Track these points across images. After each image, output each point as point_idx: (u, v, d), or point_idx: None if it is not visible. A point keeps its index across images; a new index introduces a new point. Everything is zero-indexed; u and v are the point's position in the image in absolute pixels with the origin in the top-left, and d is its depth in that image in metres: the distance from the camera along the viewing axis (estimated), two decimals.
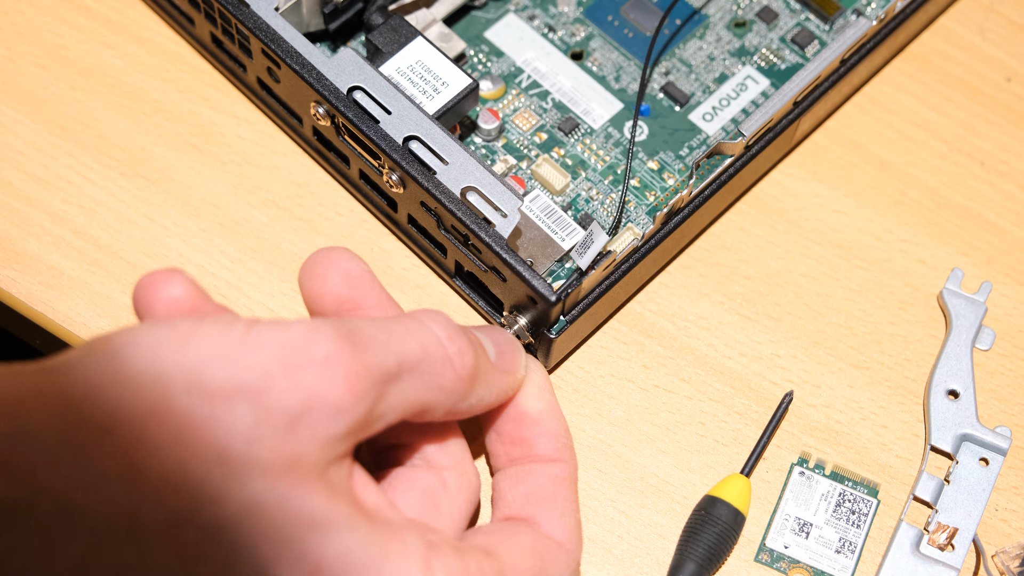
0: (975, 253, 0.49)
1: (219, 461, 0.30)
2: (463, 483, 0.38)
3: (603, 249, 0.42)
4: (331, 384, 0.32)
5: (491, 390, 0.38)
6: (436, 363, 0.35)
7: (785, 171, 0.50)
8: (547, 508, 0.39)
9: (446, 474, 0.38)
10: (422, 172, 0.42)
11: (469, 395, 0.37)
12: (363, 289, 0.38)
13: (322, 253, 0.38)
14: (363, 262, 0.38)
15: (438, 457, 0.38)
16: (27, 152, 0.48)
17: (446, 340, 0.36)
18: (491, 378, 0.38)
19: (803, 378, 0.46)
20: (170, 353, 0.31)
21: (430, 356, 0.35)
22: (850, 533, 0.44)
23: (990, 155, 0.51)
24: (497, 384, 0.38)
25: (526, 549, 0.37)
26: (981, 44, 0.53)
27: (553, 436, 0.40)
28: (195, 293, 0.35)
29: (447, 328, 0.36)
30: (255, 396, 0.31)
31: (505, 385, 0.39)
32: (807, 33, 0.51)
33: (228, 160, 0.49)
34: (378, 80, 0.43)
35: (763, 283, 0.48)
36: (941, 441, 0.45)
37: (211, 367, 0.31)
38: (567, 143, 0.48)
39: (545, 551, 0.37)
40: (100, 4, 0.51)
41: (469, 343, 0.36)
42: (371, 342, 0.34)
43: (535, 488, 0.39)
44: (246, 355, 0.32)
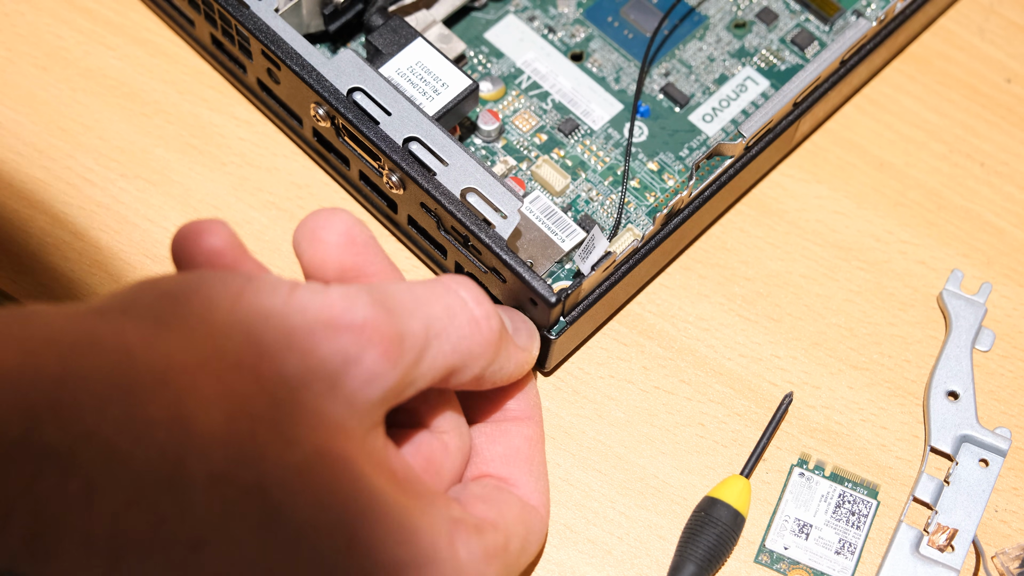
0: (975, 254, 0.49)
1: (265, 417, 0.31)
2: (461, 445, 0.39)
3: (604, 253, 0.42)
4: (368, 349, 0.33)
5: (511, 361, 0.39)
6: (463, 326, 0.36)
7: (785, 172, 0.50)
8: (524, 471, 0.40)
9: (447, 438, 0.38)
10: (422, 173, 0.42)
11: (495, 360, 0.37)
12: (367, 256, 0.37)
13: (322, 216, 0.37)
14: (365, 225, 0.38)
15: (439, 421, 0.39)
16: (27, 153, 0.48)
17: (473, 303, 0.36)
18: (511, 349, 0.38)
19: (803, 379, 0.46)
20: (223, 307, 0.32)
21: (457, 319, 0.35)
22: (850, 534, 0.44)
23: (990, 156, 0.51)
24: (515, 357, 0.39)
25: (518, 519, 0.38)
26: (981, 45, 0.53)
27: (525, 394, 0.41)
28: (236, 245, 0.36)
29: (474, 291, 0.36)
30: (302, 357, 0.32)
31: (522, 360, 0.40)
32: (807, 34, 0.51)
33: (228, 161, 0.49)
34: (378, 81, 0.44)
35: (763, 284, 0.48)
36: (941, 442, 0.45)
37: (262, 327, 0.32)
38: (567, 144, 0.48)
39: (528, 518, 0.39)
40: (100, 5, 0.51)
41: (493, 307, 0.37)
42: (403, 308, 0.34)
43: (511, 449, 0.40)
44: (292, 317, 0.32)
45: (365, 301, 0.33)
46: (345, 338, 0.32)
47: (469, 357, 0.36)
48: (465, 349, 0.36)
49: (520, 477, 0.40)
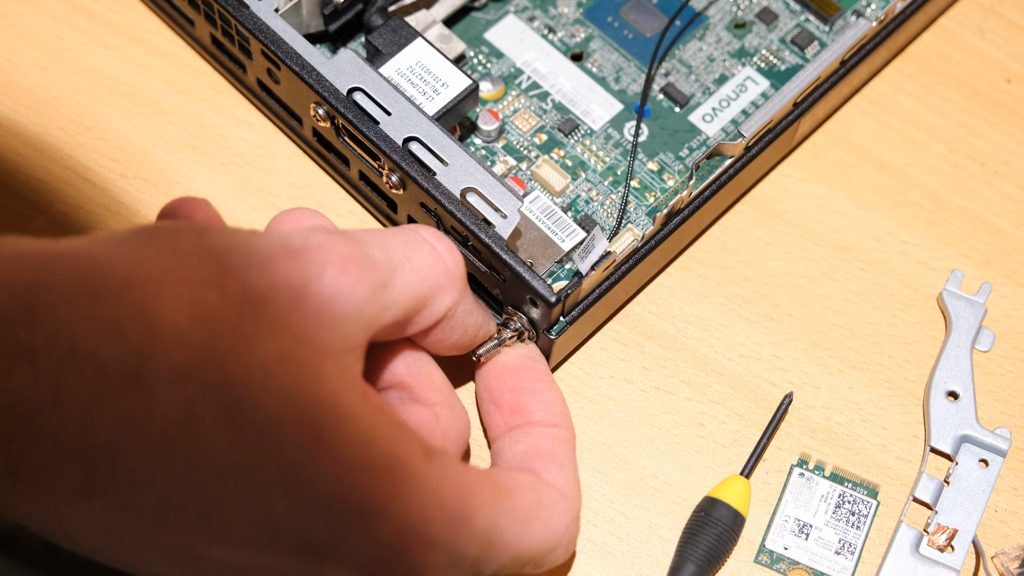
0: (975, 254, 0.49)
1: (230, 320, 0.32)
2: (454, 417, 0.39)
3: (604, 253, 0.42)
4: (328, 266, 0.34)
5: (477, 310, 0.40)
6: (426, 256, 0.37)
7: (785, 172, 0.50)
8: (546, 461, 0.40)
9: (437, 409, 0.39)
10: (422, 173, 0.42)
11: (463, 296, 0.38)
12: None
13: (288, 212, 0.40)
14: (326, 218, 0.40)
15: (427, 393, 0.39)
16: (27, 154, 0.48)
17: (432, 239, 0.38)
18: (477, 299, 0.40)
19: (803, 379, 0.46)
20: (188, 236, 0.33)
21: (419, 250, 0.37)
22: (850, 534, 0.44)
23: (990, 156, 0.51)
24: (480, 309, 0.40)
25: (527, 484, 0.38)
26: (981, 45, 0.53)
27: (550, 404, 0.42)
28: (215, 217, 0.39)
29: (434, 232, 0.38)
30: (264, 274, 0.33)
31: (487, 319, 0.41)
32: (807, 34, 0.51)
33: (228, 162, 0.49)
34: (378, 81, 0.44)
35: (763, 284, 0.48)
36: (941, 442, 0.45)
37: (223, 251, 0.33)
38: (567, 144, 0.48)
39: (544, 491, 0.38)
40: (100, 6, 0.51)
41: (455, 248, 0.38)
42: (363, 239, 0.36)
43: (534, 445, 0.40)
44: (253, 244, 0.34)
45: (321, 231, 0.35)
46: (305, 257, 0.34)
47: (436, 287, 0.37)
48: (431, 278, 0.37)
49: (541, 467, 0.40)
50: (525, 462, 0.40)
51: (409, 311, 0.37)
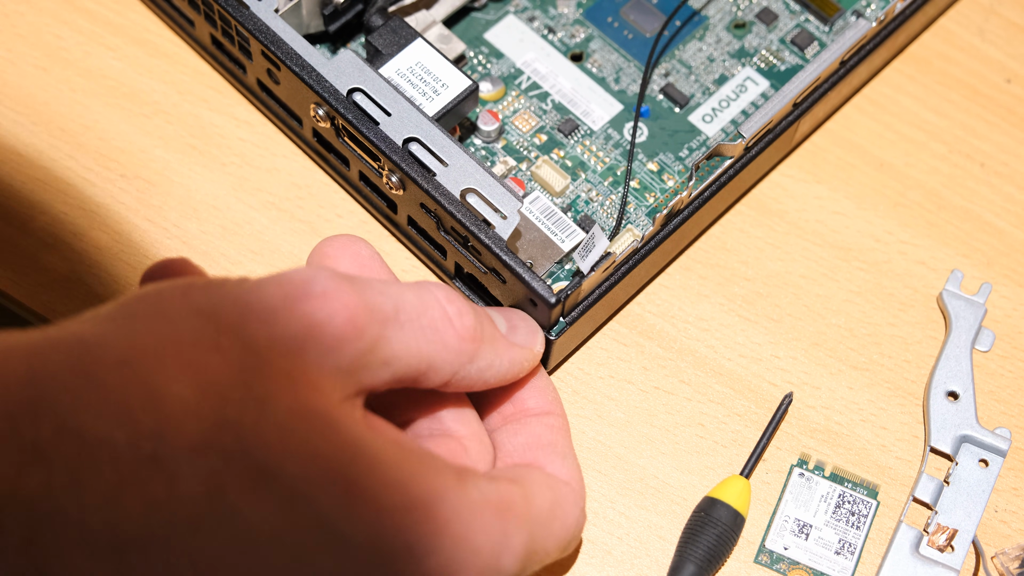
0: (975, 254, 0.49)
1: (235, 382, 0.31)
2: (482, 451, 0.39)
3: (604, 252, 0.42)
4: (331, 315, 0.33)
5: (501, 358, 0.38)
6: (436, 318, 0.36)
7: (785, 173, 0.50)
8: (548, 453, 0.40)
9: (466, 442, 0.38)
10: (422, 174, 0.42)
11: (476, 358, 0.37)
12: (372, 269, 0.39)
13: (333, 239, 0.39)
14: (371, 245, 0.40)
15: (456, 427, 0.39)
16: (27, 154, 0.48)
17: (444, 301, 0.36)
18: (500, 346, 0.38)
19: (803, 379, 0.46)
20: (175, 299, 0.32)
21: (429, 310, 0.36)
22: (850, 534, 0.44)
23: (990, 156, 0.51)
24: (508, 353, 0.39)
25: (542, 483, 0.38)
26: (981, 45, 0.53)
27: (542, 391, 0.41)
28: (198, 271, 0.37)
29: (446, 291, 0.37)
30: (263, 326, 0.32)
31: (519, 357, 0.39)
32: (807, 34, 0.51)
33: (228, 162, 0.49)
34: (378, 82, 0.44)
35: (763, 284, 0.48)
36: (941, 442, 0.45)
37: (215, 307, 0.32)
38: (567, 144, 0.48)
39: (556, 487, 0.38)
40: (100, 6, 0.51)
41: (469, 307, 0.37)
42: (371, 288, 0.35)
43: (533, 437, 0.40)
44: (250, 293, 0.33)
45: (326, 275, 0.34)
46: (307, 306, 0.33)
47: (444, 350, 0.36)
48: (439, 340, 0.36)
49: (544, 459, 0.39)
50: (527, 455, 0.40)
51: (412, 370, 0.35)
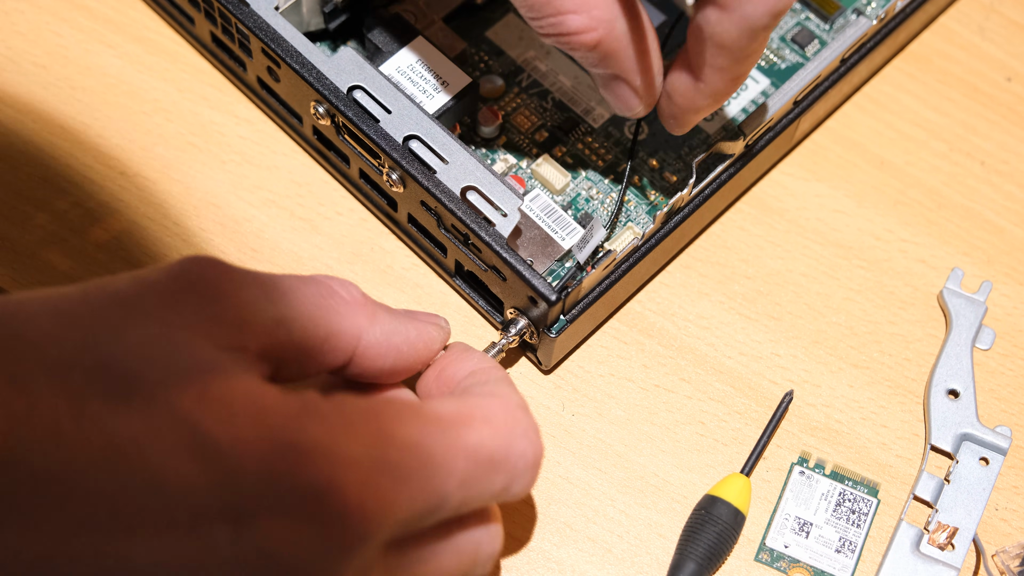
0: (975, 253, 0.49)
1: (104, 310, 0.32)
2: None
3: (602, 243, 0.42)
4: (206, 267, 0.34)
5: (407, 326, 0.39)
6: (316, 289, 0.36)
7: (785, 171, 0.50)
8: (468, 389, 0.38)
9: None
10: (422, 171, 0.42)
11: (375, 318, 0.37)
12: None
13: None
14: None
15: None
16: (27, 151, 0.48)
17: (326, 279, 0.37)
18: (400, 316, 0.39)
19: (803, 377, 0.46)
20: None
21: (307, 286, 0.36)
22: (850, 532, 0.44)
23: (990, 155, 0.51)
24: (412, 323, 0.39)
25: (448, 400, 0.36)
26: (981, 44, 0.53)
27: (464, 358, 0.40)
28: None
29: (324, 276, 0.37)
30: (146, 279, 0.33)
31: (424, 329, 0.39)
32: (807, 32, 0.51)
33: (228, 159, 0.49)
34: (378, 79, 0.43)
35: (763, 283, 0.48)
36: (941, 440, 0.45)
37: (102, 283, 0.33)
38: (567, 142, 0.48)
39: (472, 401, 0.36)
40: (100, 3, 0.51)
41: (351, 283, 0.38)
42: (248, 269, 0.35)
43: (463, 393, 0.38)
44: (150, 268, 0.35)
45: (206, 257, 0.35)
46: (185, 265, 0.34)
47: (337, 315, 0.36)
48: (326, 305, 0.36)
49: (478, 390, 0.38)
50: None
51: (308, 334, 0.35)
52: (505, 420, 0.35)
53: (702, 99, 0.40)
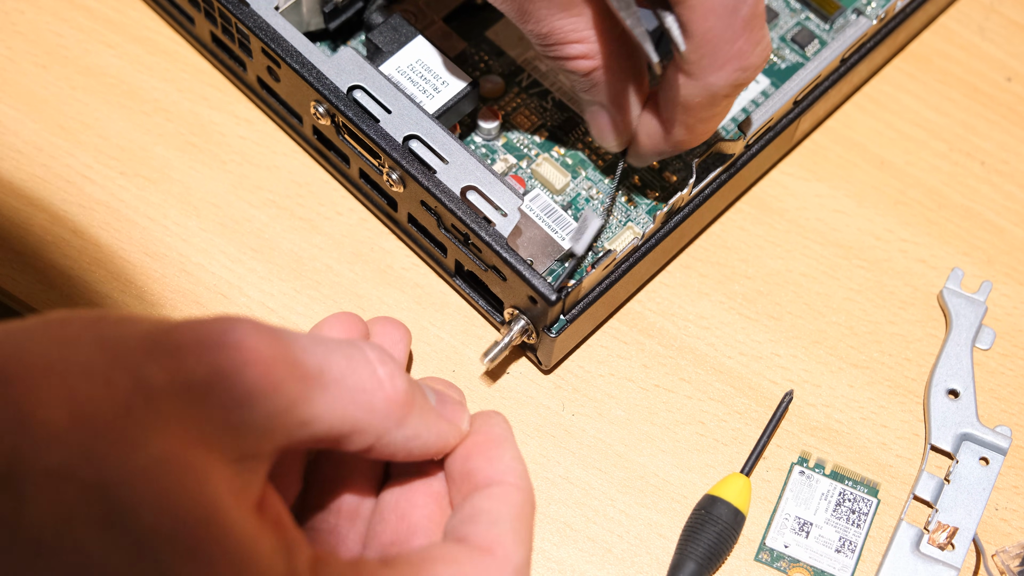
0: (975, 253, 0.49)
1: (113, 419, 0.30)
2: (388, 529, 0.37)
3: (599, 232, 0.42)
4: (246, 368, 0.31)
5: (430, 429, 0.36)
6: (364, 379, 0.34)
7: (785, 171, 0.50)
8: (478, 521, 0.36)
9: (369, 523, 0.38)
10: (422, 171, 0.42)
11: (403, 424, 0.35)
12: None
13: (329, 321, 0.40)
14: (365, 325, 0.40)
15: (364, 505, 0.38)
16: (27, 151, 0.48)
17: (376, 362, 0.34)
18: (429, 417, 0.36)
19: (803, 377, 0.46)
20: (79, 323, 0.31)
21: (358, 371, 0.34)
22: (850, 532, 0.44)
23: (990, 155, 0.51)
24: (436, 426, 0.36)
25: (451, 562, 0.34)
26: (981, 44, 0.53)
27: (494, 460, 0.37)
28: None
29: (379, 352, 0.35)
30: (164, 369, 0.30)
31: (446, 431, 0.37)
32: (807, 32, 0.51)
33: (228, 159, 0.49)
34: (378, 79, 0.43)
35: (763, 282, 0.48)
36: (941, 440, 0.45)
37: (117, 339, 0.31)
38: (567, 142, 0.48)
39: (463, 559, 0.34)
40: (100, 3, 0.51)
41: (401, 371, 0.35)
42: (294, 340, 0.33)
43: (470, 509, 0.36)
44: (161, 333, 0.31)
45: (247, 325, 0.31)
46: (219, 354, 0.31)
47: (371, 414, 0.34)
48: (366, 403, 0.34)
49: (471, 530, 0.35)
50: (458, 531, 0.36)
51: (333, 433, 0.33)
52: None
53: (666, 145, 0.43)
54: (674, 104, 0.41)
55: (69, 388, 0.30)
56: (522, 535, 0.35)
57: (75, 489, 0.29)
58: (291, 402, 0.32)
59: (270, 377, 0.31)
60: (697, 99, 0.40)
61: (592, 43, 0.40)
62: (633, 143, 0.44)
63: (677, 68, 0.39)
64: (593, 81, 0.41)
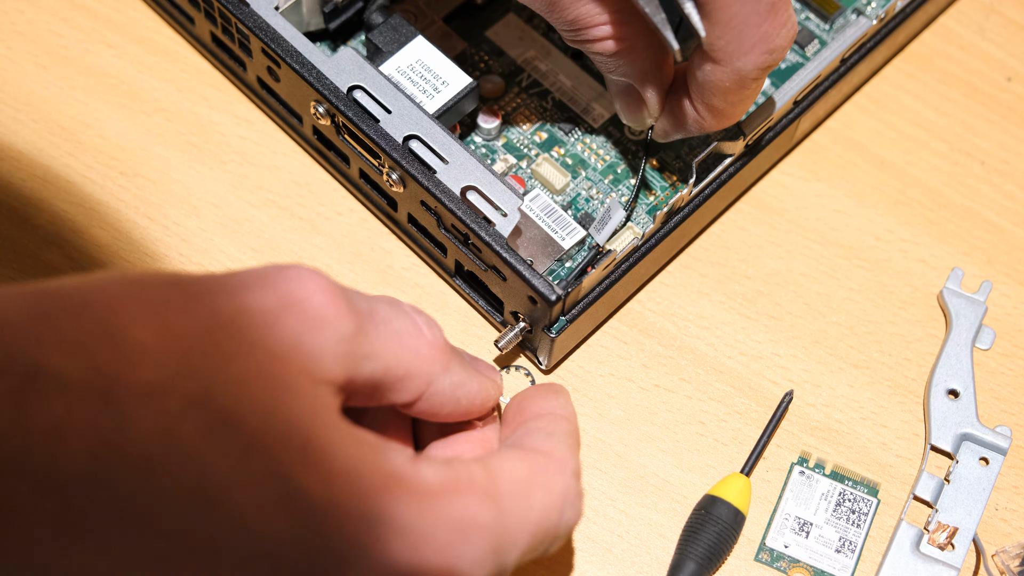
0: (975, 253, 0.49)
1: (200, 338, 0.30)
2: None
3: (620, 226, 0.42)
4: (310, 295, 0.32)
5: (472, 379, 0.38)
6: (407, 326, 0.35)
7: (785, 171, 0.50)
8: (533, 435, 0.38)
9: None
10: (422, 171, 0.42)
11: (449, 369, 0.36)
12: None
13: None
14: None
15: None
16: (27, 151, 0.48)
17: (412, 312, 0.36)
18: (470, 371, 0.38)
19: (803, 377, 0.46)
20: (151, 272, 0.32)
21: (400, 317, 0.35)
22: (850, 532, 0.44)
23: (990, 155, 0.51)
24: (478, 376, 0.38)
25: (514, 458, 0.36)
26: (981, 44, 0.53)
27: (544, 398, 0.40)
28: None
29: (413, 306, 0.37)
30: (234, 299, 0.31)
31: (487, 383, 0.39)
32: (807, 32, 0.51)
33: (228, 159, 0.49)
34: (378, 79, 0.44)
35: (763, 282, 0.48)
36: (941, 440, 0.45)
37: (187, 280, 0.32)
38: (567, 142, 0.48)
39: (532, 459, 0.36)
40: (100, 3, 0.51)
41: (436, 324, 0.37)
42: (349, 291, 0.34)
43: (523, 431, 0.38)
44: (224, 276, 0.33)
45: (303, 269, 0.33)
46: (285, 284, 0.32)
47: (419, 358, 0.35)
48: (412, 347, 0.35)
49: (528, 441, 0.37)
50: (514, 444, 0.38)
51: (389, 372, 0.35)
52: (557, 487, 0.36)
53: (694, 126, 0.43)
54: (703, 88, 0.41)
55: (153, 313, 0.30)
56: (574, 450, 0.38)
57: (176, 402, 0.29)
58: (354, 331, 0.33)
59: (333, 306, 0.33)
60: (726, 83, 0.40)
61: (616, 25, 0.40)
62: (661, 122, 0.44)
63: (704, 53, 0.40)
64: (619, 62, 0.42)
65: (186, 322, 0.30)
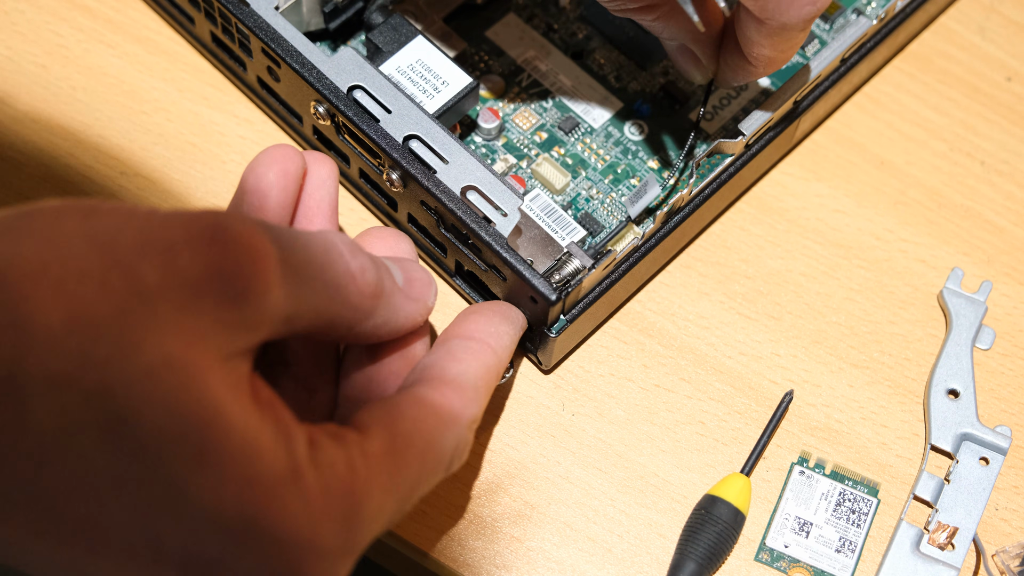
0: (975, 252, 0.49)
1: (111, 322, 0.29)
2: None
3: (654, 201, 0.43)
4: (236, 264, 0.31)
5: (397, 314, 0.37)
6: (340, 274, 0.35)
7: (785, 170, 0.50)
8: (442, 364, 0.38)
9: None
10: (422, 171, 0.42)
11: (373, 313, 0.36)
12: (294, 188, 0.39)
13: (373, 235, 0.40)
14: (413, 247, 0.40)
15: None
16: (27, 152, 0.48)
17: (348, 255, 0.35)
18: (396, 300, 0.37)
19: (803, 377, 0.46)
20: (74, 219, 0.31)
21: (334, 265, 0.35)
22: (850, 532, 0.44)
23: (990, 155, 0.51)
24: (404, 308, 0.38)
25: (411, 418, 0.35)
26: (981, 44, 0.53)
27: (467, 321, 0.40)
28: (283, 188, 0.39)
29: (349, 244, 0.36)
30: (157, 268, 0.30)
31: (413, 311, 0.38)
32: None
33: (228, 160, 0.49)
34: (378, 79, 0.44)
35: (763, 282, 0.48)
36: (941, 440, 0.45)
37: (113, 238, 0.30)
38: (567, 142, 0.48)
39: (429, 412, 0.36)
40: (100, 3, 0.51)
41: (371, 261, 0.36)
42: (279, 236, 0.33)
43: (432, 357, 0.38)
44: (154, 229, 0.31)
45: (238, 222, 0.32)
46: (212, 251, 0.31)
47: (343, 307, 0.35)
48: (340, 298, 0.35)
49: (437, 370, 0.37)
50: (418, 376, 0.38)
51: (310, 326, 0.34)
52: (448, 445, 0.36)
53: (750, 75, 0.45)
54: (751, 42, 0.42)
55: (65, 291, 0.29)
56: (482, 388, 0.37)
57: (76, 396, 0.29)
58: (280, 299, 0.32)
59: (261, 276, 0.31)
60: (774, 36, 0.41)
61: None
62: (718, 73, 0.46)
63: (747, 10, 0.40)
64: (665, 25, 0.43)
65: (99, 302, 0.29)
